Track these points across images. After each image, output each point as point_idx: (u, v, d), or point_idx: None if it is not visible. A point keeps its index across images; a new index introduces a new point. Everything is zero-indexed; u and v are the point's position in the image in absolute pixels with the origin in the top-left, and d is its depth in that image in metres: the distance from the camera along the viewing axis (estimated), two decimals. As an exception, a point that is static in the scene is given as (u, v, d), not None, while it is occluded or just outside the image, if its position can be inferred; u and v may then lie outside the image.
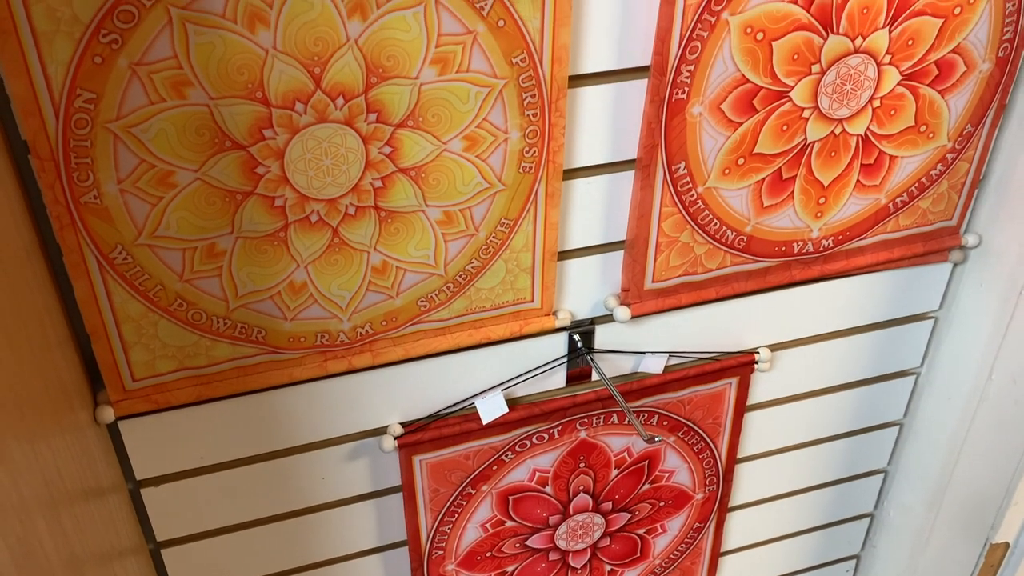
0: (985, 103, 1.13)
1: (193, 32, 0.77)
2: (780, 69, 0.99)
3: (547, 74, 0.92)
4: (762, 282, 1.18)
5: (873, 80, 1.05)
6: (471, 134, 0.92)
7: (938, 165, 1.16)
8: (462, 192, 0.96)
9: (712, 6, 0.92)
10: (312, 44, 0.81)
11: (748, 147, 1.04)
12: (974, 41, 1.06)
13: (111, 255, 0.86)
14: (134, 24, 0.75)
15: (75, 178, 0.81)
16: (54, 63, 0.75)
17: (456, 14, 0.84)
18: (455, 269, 1.01)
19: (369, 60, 0.84)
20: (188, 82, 0.79)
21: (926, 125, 1.11)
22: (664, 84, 0.95)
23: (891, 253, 1.23)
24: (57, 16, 0.73)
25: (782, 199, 1.10)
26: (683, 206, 1.06)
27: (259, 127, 0.84)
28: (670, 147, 1.00)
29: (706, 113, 0.99)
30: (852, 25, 0.99)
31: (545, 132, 0.95)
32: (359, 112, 0.87)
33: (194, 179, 0.85)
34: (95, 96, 0.78)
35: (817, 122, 1.05)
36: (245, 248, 0.91)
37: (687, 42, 0.93)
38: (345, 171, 0.90)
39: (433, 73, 0.87)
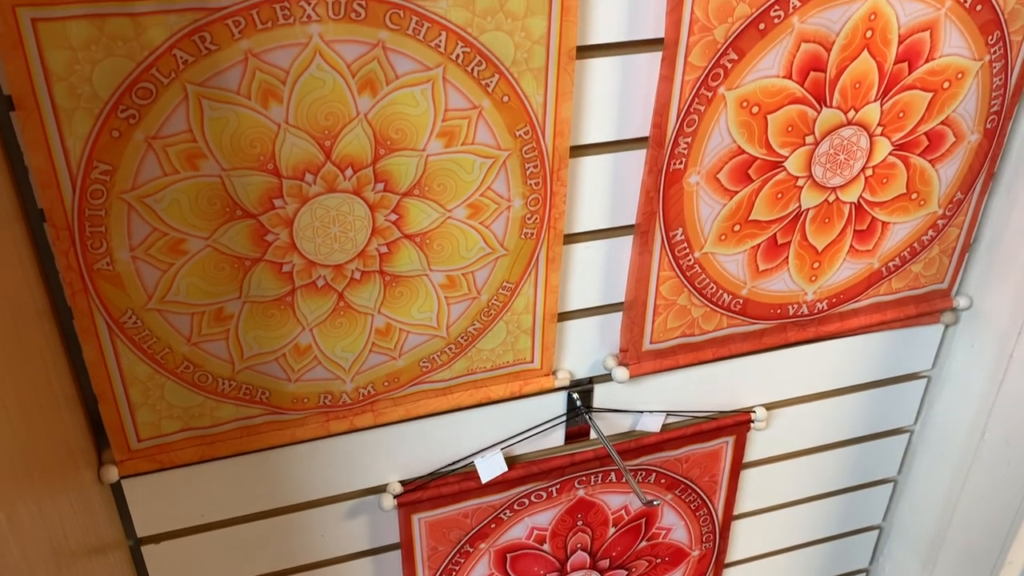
0: (974, 172, 1.16)
1: (208, 107, 0.80)
2: (775, 140, 1.02)
3: (549, 145, 0.94)
4: (758, 343, 1.20)
5: (865, 150, 1.08)
6: (475, 202, 0.95)
7: (929, 231, 1.19)
8: (465, 257, 0.98)
9: (709, 81, 0.95)
10: (323, 119, 0.84)
11: (744, 214, 1.07)
12: (963, 114, 1.09)
13: (121, 319, 0.88)
14: (151, 100, 0.78)
15: (89, 246, 0.83)
16: (73, 137, 0.77)
17: (462, 90, 0.87)
18: (457, 331, 1.03)
19: (378, 133, 0.87)
20: (202, 154, 0.82)
21: (917, 193, 1.14)
22: (662, 155, 0.98)
23: (884, 315, 1.25)
24: (78, 93, 0.75)
25: (777, 264, 1.13)
26: (681, 270, 1.08)
27: (270, 197, 0.86)
28: (668, 214, 1.03)
29: (703, 182, 1.02)
30: (845, 99, 1.02)
31: (547, 200, 0.98)
32: (367, 182, 0.89)
33: (205, 246, 0.87)
34: (111, 168, 0.80)
35: (811, 190, 1.08)
36: (252, 312, 0.93)
37: (685, 115, 0.96)
38: (352, 238, 0.92)
39: (439, 145, 0.90)
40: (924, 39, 1.02)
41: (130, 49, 0.75)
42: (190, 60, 0.77)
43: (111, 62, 0.75)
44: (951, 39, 1.03)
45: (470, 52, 0.86)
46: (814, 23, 0.96)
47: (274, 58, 0.80)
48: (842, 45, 0.98)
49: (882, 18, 0.98)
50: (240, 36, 0.78)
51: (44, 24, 0.72)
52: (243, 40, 0.78)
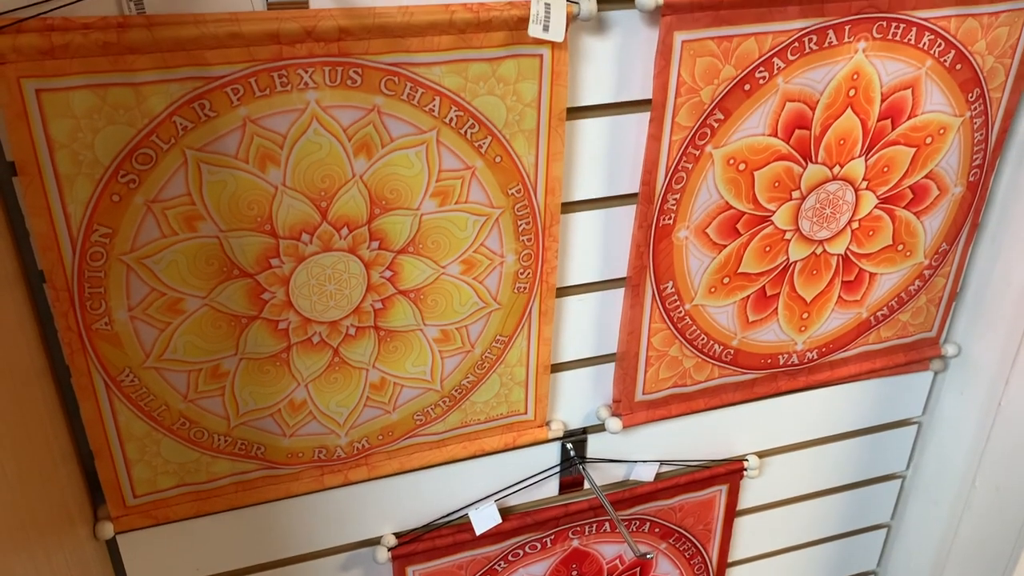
0: (959, 223, 1.18)
1: (207, 171, 0.82)
2: (762, 196, 1.04)
3: (541, 203, 0.96)
4: (749, 393, 1.21)
5: (851, 204, 1.10)
6: (469, 258, 0.96)
7: (916, 281, 1.21)
8: (459, 312, 0.99)
9: (696, 140, 0.97)
10: (320, 181, 0.86)
11: (733, 267, 1.08)
12: (946, 168, 1.12)
13: (119, 378, 0.89)
14: (151, 165, 0.80)
15: (88, 306, 0.84)
16: (74, 202, 0.79)
17: (456, 152, 0.89)
18: (451, 384, 1.04)
19: (373, 194, 0.89)
20: (200, 216, 0.84)
21: (903, 244, 1.16)
22: (651, 211, 1.00)
23: (874, 363, 1.27)
24: (80, 159, 0.77)
25: (767, 314, 1.14)
26: (672, 322, 1.09)
27: (266, 257, 0.88)
28: (658, 268, 1.05)
29: (692, 237, 1.04)
30: (830, 155, 1.05)
31: (539, 255, 0.99)
32: (362, 241, 0.91)
33: (202, 305, 0.88)
34: (111, 231, 0.81)
35: (799, 243, 1.10)
36: (248, 369, 0.94)
37: (673, 173, 0.98)
38: (347, 295, 0.93)
39: (433, 204, 0.92)
40: (906, 97, 1.04)
41: (131, 117, 0.77)
42: (190, 126, 0.79)
43: (113, 129, 0.77)
44: (932, 97, 1.05)
45: (463, 116, 0.88)
46: (798, 83, 0.98)
47: (272, 124, 0.82)
48: (826, 104, 1.01)
49: (864, 77, 1.01)
50: (239, 103, 0.80)
51: (48, 94, 0.74)
52: (242, 107, 0.80)
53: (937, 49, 1.02)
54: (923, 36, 1.01)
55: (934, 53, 1.02)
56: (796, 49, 0.96)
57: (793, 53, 0.96)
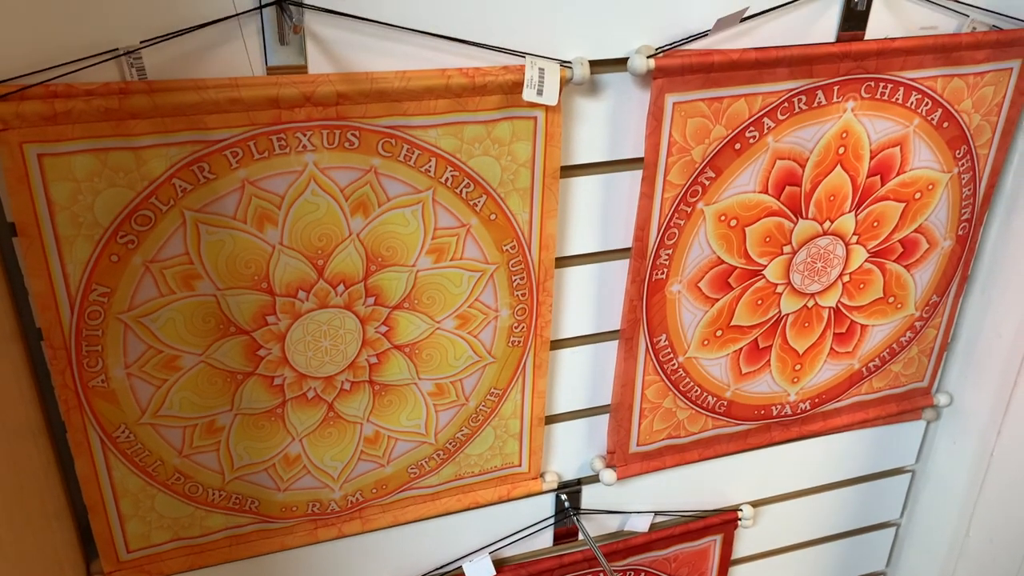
0: (948, 276, 1.20)
1: (205, 231, 0.83)
2: (753, 251, 1.06)
3: (535, 259, 0.97)
4: (743, 443, 1.22)
5: (842, 258, 1.11)
6: (463, 313, 0.97)
7: (907, 332, 1.22)
8: (454, 366, 1.00)
9: (688, 198, 0.99)
10: (317, 239, 0.87)
11: (725, 320, 1.09)
12: (935, 222, 1.13)
13: (114, 434, 0.89)
14: (150, 226, 0.81)
15: (85, 364, 0.85)
16: (73, 262, 0.80)
17: (451, 210, 0.91)
18: (445, 437, 1.04)
19: (369, 251, 0.90)
20: (198, 275, 0.84)
21: (894, 296, 1.18)
22: (644, 266, 1.01)
23: (866, 414, 1.27)
24: (79, 221, 0.78)
25: (759, 366, 1.15)
26: (665, 374, 1.10)
27: (263, 314, 0.89)
28: (651, 321, 1.06)
29: (684, 291, 1.05)
30: (820, 210, 1.06)
31: (533, 309, 1.00)
32: (358, 297, 0.92)
33: (198, 362, 0.89)
34: (109, 290, 0.82)
35: (790, 296, 1.11)
36: (243, 424, 0.94)
37: (665, 229, 1.00)
38: (343, 350, 0.94)
39: (429, 261, 0.93)
40: (895, 154, 1.06)
41: (131, 180, 0.78)
42: (189, 188, 0.80)
43: (113, 192, 0.78)
44: (920, 153, 1.07)
45: (459, 175, 0.89)
46: (788, 142, 1.00)
47: (270, 185, 0.83)
48: (816, 161, 1.02)
49: (853, 136, 1.03)
50: (238, 166, 0.81)
51: (50, 159, 0.75)
52: (241, 169, 0.81)
53: (924, 108, 1.04)
54: (910, 96, 1.03)
55: (921, 112, 1.04)
56: (786, 109, 0.98)
57: (783, 113, 0.98)
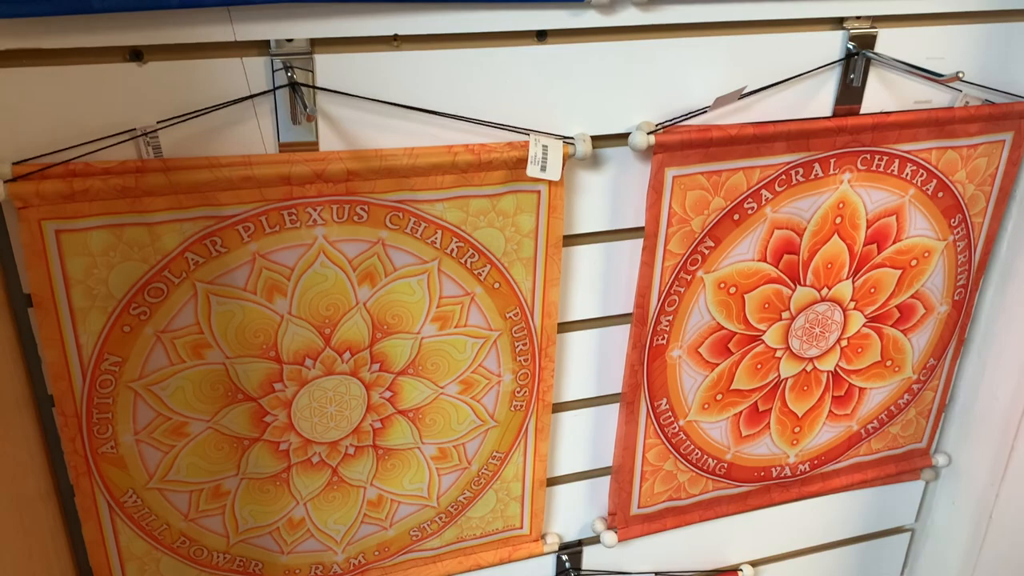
0: (945, 340, 1.21)
1: (216, 303, 0.85)
2: (752, 317, 1.07)
3: (538, 325, 0.99)
4: (743, 505, 1.22)
5: (840, 323, 1.13)
6: (467, 379, 0.99)
7: (905, 394, 1.24)
8: (457, 430, 1.01)
9: (688, 266, 1.01)
10: (324, 309, 0.89)
11: (725, 384, 1.11)
12: (931, 288, 1.15)
13: (122, 499, 0.90)
14: (163, 298, 0.83)
15: (95, 431, 0.86)
16: (86, 333, 0.82)
17: (456, 279, 0.93)
18: (447, 500, 1.05)
19: (376, 319, 0.92)
20: (208, 345, 0.86)
21: (892, 360, 1.19)
22: (645, 332, 1.03)
23: (865, 475, 1.28)
24: (94, 294, 0.80)
25: (759, 429, 1.17)
26: (666, 438, 1.11)
27: (270, 381, 0.90)
28: (652, 386, 1.07)
29: (685, 356, 1.07)
30: (818, 278, 1.08)
31: (535, 374, 1.02)
32: (364, 364, 0.93)
33: (206, 428, 0.90)
34: (120, 360, 0.84)
35: (789, 361, 1.13)
36: (249, 488, 0.95)
37: (666, 297, 1.02)
38: (347, 416, 0.95)
39: (434, 328, 0.94)
40: (891, 223, 1.08)
41: (145, 254, 0.80)
42: (201, 261, 0.82)
43: (127, 266, 0.80)
44: (916, 222, 1.09)
45: (464, 246, 0.91)
46: (786, 212, 1.02)
47: (280, 257, 0.85)
48: (813, 231, 1.05)
49: (850, 206, 1.05)
50: (249, 239, 0.83)
51: (67, 235, 0.77)
52: (252, 243, 0.83)
53: (919, 179, 1.07)
54: (905, 167, 1.05)
55: (916, 182, 1.07)
56: (783, 181, 1.00)
57: (780, 185, 1.00)
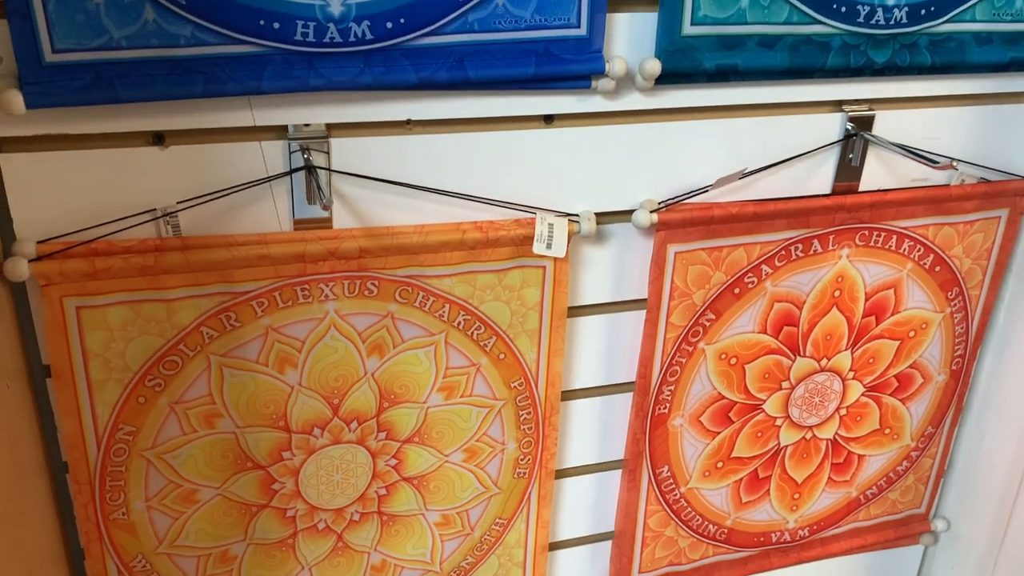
0: (943, 408, 1.23)
1: (228, 374, 0.87)
2: (753, 386, 1.09)
3: (542, 394, 1.01)
4: (743, 570, 1.23)
5: (839, 393, 1.15)
6: (471, 447, 1.01)
7: (904, 461, 1.25)
8: (460, 497, 1.03)
9: (689, 337, 1.03)
10: (334, 380, 0.91)
11: (726, 452, 1.13)
12: (929, 358, 1.17)
13: (131, 563, 0.92)
14: (177, 370, 0.85)
15: (107, 498, 0.88)
16: (102, 404, 0.84)
17: (462, 351, 0.95)
18: (450, 566, 1.07)
19: (383, 389, 0.94)
20: (219, 415, 0.88)
21: (890, 428, 1.21)
22: (647, 402, 1.05)
23: (864, 540, 1.29)
24: (111, 366, 0.83)
25: (759, 495, 1.18)
26: (667, 504, 1.13)
27: (279, 450, 0.92)
28: (654, 454, 1.09)
29: (686, 424, 1.09)
30: (817, 349, 1.10)
31: (539, 442, 1.04)
32: (370, 432, 0.95)
33: (215, 495, 0.92)
34: (135, 429, 0.86)
35: (789, 429, 1.15)
36: (255, 553, 0.97)
37: (668, 367, 1.04)
38: (353, 483, 0.97)
39: (440, 398, 0.97)
40: (889, 296, 1.10)
41: (162, 328, 0.83)
42: (215, 335, 0.85)
43: (144, 339, 0.83)
44: (914, 295, 1.12)
45: (471, 319, 0.94)
46: (786, 286, 1.05)
47: (292, 331, 0.87)
48: (812, 304, 1.07)
49: (849, 280, 1.07)
50: (263, 314, 0.86)
51: (87, 310, 0.80)
52: (265, 317, 0.86)
53: (917, 253, 1.09)
54: (903, 243, 1.08)
55: (914, 257, 1.09)
56: (783, 256, 1.03)
57: (780, 260, 1.03)
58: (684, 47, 0.87)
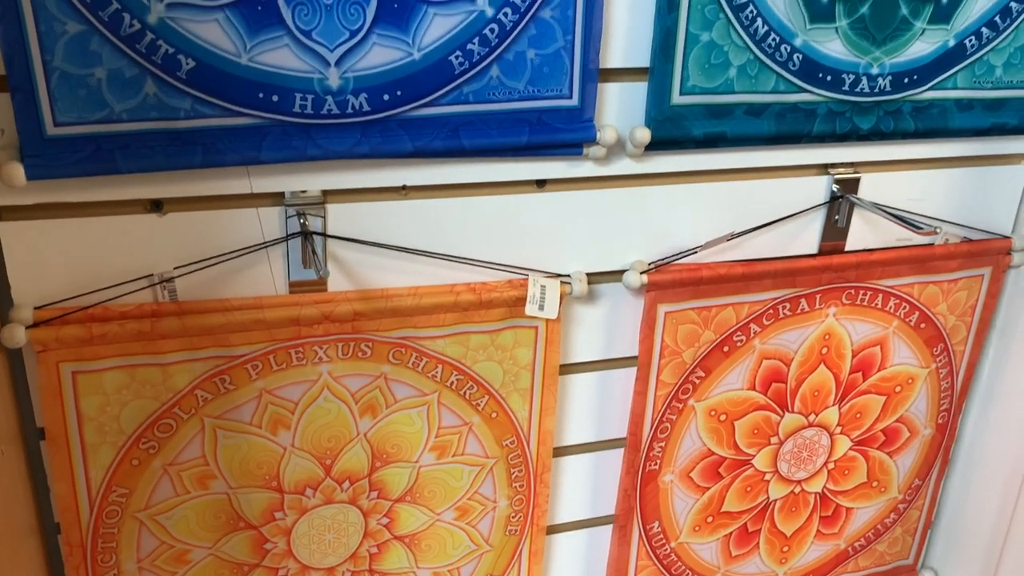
0: (930, 461, 1.24)
1: (222, 436, 0.87)
2: (742, 442, 1.10)
3: (533, 452, 1.02)
4: (732, 623, 1.24)
5: (827, 447, 1.16)
6: (463, 505, 1.01)
7: (891, 514, 1.26)
8: (452, 555, 1.03)
9: (680, 395, 1.04)
10: (326, 441, 0.92)
11: (716, 507, 1.13)
12: (915, 412, 1.19)
13: (121, 625, 0.92)
14: (171, 433, 0.85)
15: (99, 560, 0.88)
16: (96, 467, 0.84)
17: (455, 411, 0.96)
18: (441, 622, 1.07)
19: (375, 449, 0.94)
20: (212, 476, 0.89)
21: (878, 481, 1.22)
22: (638, 458, 1.06)
23: (853, 592, 1.30)
24: (105, 430, 0.83)
25: (749, 549, 1.18)
26: (658, 559, 1.13)
27: (272, 510, 0.92)
28: (645, 509, 1.09)
29: (677, 480, 1.09)
30: (805, 405, 1.11)
31: (530, 500, 1.04)
32: (362, 492, 0.96)
33: (207, 555, 0.92)
34: (128, 491, 0.86)
35: (778, 483, 1.16)
36: (246, 613, 0.97)
37: (658, 424, 1.05)
38: (345, 542, 0.97)
39: (432, 457, 0.97)
40: (875, 353, 1.12)
41: (157, 392, 0.83)
42: (210, 398, 0.85)
43: (138, 403, 0.83)
44: (900, 352, 1.13)
45: (463, 379, 0.94)
46: (774, 344, 1.06)
47: (286, 393, 0.88)
48: (800, 361, 1.08)
49: (836, 337, 1.09)
50: (257, 377, 0.86)
51: (83, 375, 0.80)
52: (259, 380, 0.86)
53: (902, 311, 1.11)
54: (888, 301, 1.09)
55: (899, 315, 1.11)
56: (771, 315, 1.04)
57: (768, 319, 1.04)
58: (673, 116, 0.89)
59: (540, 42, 0.82)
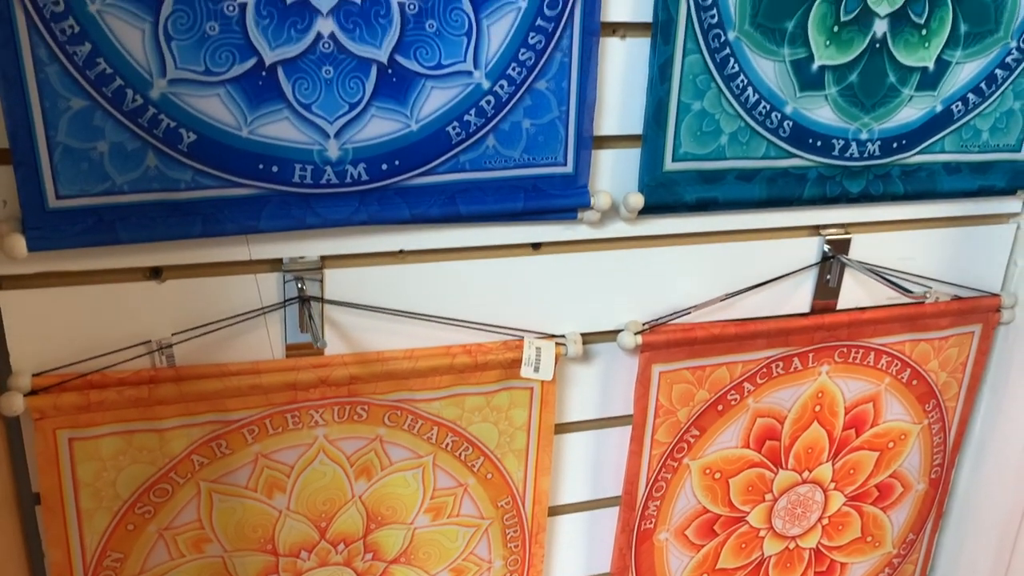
0: (923, 515, 1.24)
1: (218, 500, 0.87)
2: (737, 499, 1.11)
3: (529, 512, 1.02)
4: None
5: (821, 503, 1.16)
6: (458, 566, 1.01)
7: (886, 568, 1.26)
8: (447, 615, 1.03)
9: (674, 453, 1.05)
10: (322, 504, 0.92)
11: (711, 564, 1.13)
12: (908, 468, 1.19)
13: None
14: (167, 498, 0.85)
15: (92, 626, 0.87)
16: (91, 533, 0.84)
17: (450, 472, 0.96)
18: None
19: (370, 511, 0.94)
20: (208, 539, 0.88)
21: (872, 536, 1.22)
22: (633, 517, 1.06)
23: (850, 647, 1.29)
24: (101, 495, 0.83)
25: (744, 606, 1.18)
26: (652, 617, 1.13)
27: (267, 573, 0.92)
28: (640, 567, 1.09)
29: (672, 538, 1.09)
30: (799, 462, 1.12)
31: (526, 560, 1.04)
32: (357, 554, 0.96)
33: (201, 619, 0.92)
34: (122, 556, 0.86)
35: (772, 540, 1.16)
36: (239, 677, 0.96)
37: (653, 483, 1.05)
38: (340, 604, 0.97)
39: (427, 519, 0.97)
40: (868, 409, 1.13)
41: (153, 457, 0.83)
42: (206, 463, 0.86)
43: (135, 468, 0.83)
44: (892, 408, 1.14)
45: (459, 440, 0.95)
46: (767, 402, 1.07)
47: (281, 457, 0.88)
48: (794, 419, 1.09)
49: (829, 395, 1.10)
50: (253, 441, 0.86)
51: (79, 442, 0.80)
52: (255, 444, 0.87)
53: (894, 368, 1.12)
54: (881, 359, 1.10)
55: (892, 372, 1.12)
56: (764, 374, 1.05)
57: (762, 378, 1.05)
58: (666, 181, 0.91)
59: (535, 112, 0.84)
